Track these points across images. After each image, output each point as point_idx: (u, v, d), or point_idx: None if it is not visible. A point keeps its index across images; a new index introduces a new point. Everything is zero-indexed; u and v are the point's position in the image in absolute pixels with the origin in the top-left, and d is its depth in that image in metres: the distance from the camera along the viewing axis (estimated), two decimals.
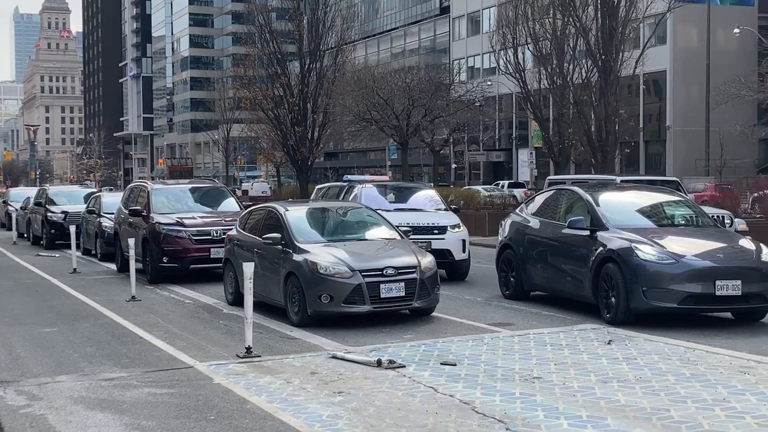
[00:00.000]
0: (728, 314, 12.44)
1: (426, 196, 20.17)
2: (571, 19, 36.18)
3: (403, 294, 12.41)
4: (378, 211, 17.36)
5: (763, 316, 12.25)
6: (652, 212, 13.82)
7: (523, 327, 12.14)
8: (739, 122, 47.68)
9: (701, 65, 53.20)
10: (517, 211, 15.97)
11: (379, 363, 9.47)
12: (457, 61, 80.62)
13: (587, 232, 12.84)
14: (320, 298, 12.21)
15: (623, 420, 7.26)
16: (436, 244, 17.45)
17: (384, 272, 12.35)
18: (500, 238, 15.70)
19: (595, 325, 11.94)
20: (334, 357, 10.07)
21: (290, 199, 33.19)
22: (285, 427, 7.38)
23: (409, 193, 20.67)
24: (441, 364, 9.53)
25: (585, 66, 36.36)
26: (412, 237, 16.44)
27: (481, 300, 15.14)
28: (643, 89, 64.43)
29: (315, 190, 24.38)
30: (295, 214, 14.05)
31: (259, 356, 10.21)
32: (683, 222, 13.63)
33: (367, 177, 28.52)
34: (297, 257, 12.73)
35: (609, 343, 10.57)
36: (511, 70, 40.51)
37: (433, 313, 13.18)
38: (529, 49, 39.94)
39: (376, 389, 8.51)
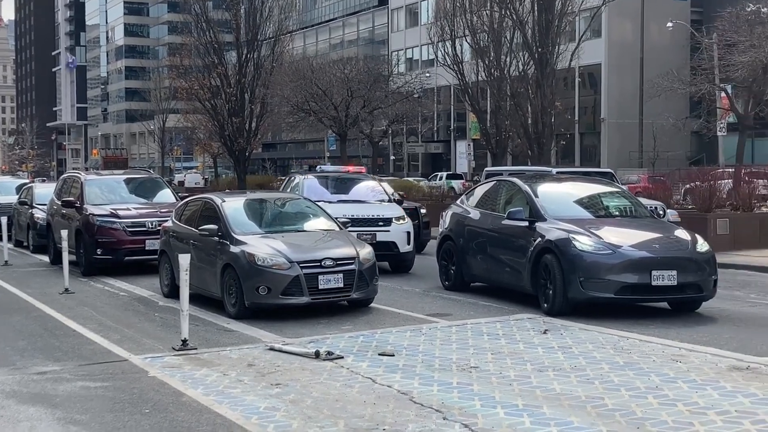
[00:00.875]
0: (665, 304, 12.54)
1: (369, 187, 19.95)
2: (508, 12, 36.38)
3: (341, 285, 12.40)
4: (320, 202, 17.27)
5: (698, 305, 12.40)
6: (590, 203, 13.92)
7: (460, 317, 12.21)
8: (672, 115, 48.45)
9: (635, 58, 53.99)
10: (457, 202, 16.00)
11: (317, 354, 9.45)
12: (396, 53, 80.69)
13: (526, 223, 12.91)
14: (258, 289, 12.13)
15: (559, 408, 7.35)
16: (381, 237, 17.31)
17: (322, 263, 12.32)
18: (441, 230, 15.68)
19: (532, 314, 12.07)
20: (272, 349, 10.02)
21: (227, 190, 32.89)
22: (221, 420, 7.32)
23: (352, 184, 20.33)
24: (379, 354, 9.54)
25: (522, 58, 36.61)
26: (356, 229, 16.38)
27: (420, 291, 15.19)
28: (578, 82, 65.21)
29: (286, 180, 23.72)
30: (232, 205, 13.93)
31: (196, 349, 10.11)
32: (620, 213, 13.75)
33: (341, 168, 26.00)
34: (234, 249, 12.62)
35: (545, 333, 10.69)
36: (449, 62, 40.61)
37: (372, 304, 13.19)
38: (466, 41, 40.07)
39: (313, 380, 8.48)
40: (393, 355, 9.48)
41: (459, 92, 48.16)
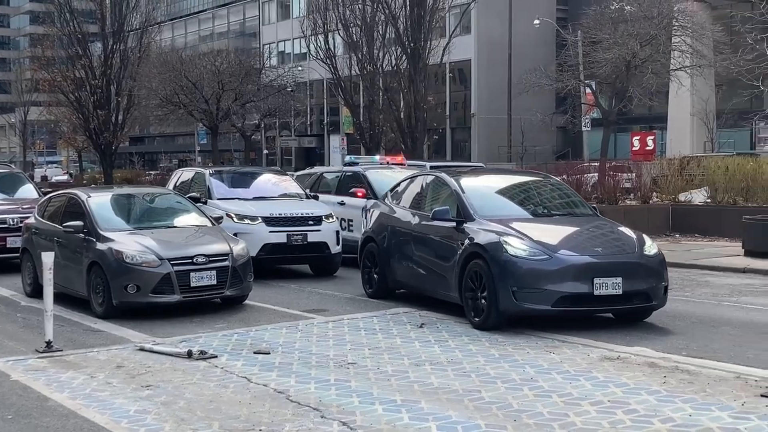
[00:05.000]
0: (609, 315, 11.15)
1: (284, 183, 18.35)
2: (380, 6, 36.53)
3: (214, 282, 12.10)
4: (234, 201, 16.73)
5: (646, 315, 11.02)
6: (525, 200, 12.49)
7: (337, 312, 12.10)
8: (539, 110, 49.64)
9: (504, 55, 55.04)
10: (383, 199, 14.33)
11: (189, 354, 9.17)
12: (268, 46, 79.87)
13: (453, 224, 11.43)
14: (126, 288, 11.73)
15: (437, 402, 7.32)
16: (312, 237, 15.92)
17: (194, 260, 12.00)
18: (363, 229, 14.32)
19: (408, 308, 12.04)
20: (142, 349, 9.68)
21: (93, 186, 31.85)
22: (89, 425, 7.00)
23: (266, 181, 18.55)
24: (254, 353, 9.34)
25: (394, 53, 36.84)
26: (285, 229, 15.74)
27: (296, 287, 15.00)
28: (449, 77, 66.10)
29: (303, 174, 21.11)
30: (98, 201, 13.42)
31: (61, 350, 9.68)
32: (558, 210, 12.24)
33: (376, 158, 21.57)
34: (101, 246, 12.17)
35: (421, 327, 10.68)
36: (321, 56, 40.51)
37: (246, 301, 12.93)
38: (339, 35, 40.05)
39: (186, 381, 8.22)
40: (269, 353, 9.29)
41: (332, 86, 48.14)
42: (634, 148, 52.05)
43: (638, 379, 7.94)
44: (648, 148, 51.70)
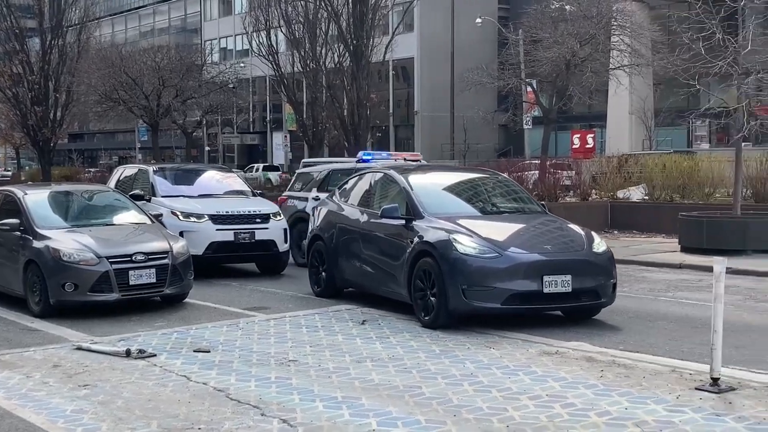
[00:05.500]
0: (558, 312, 11.20)
1: (229, 180, 18.17)
2: (322, 3, 36.47)
3: (154, 280, 11.99)
4: (179, 198, 16.45)
5: (595, 313, 11.10)
6: (474, 198, 12.44)
7: (278, 310, 12.07)
8: (481, 108, 49.96)
9: (447, 53, 55.34)
10: (330, 196, 14.09)
11: (128, 353, 9.07)
12: (209, 42, 79.28)
13: (402, 222, 11.31)
14: (64, 286, 11.56)
15: (377, 399, 7.34)
16: (260, 235, 15.78)
17: (133, 258, 11.88)
18: (311, 227, 14.06)
19: (350, 306, 12.05)
20: (79, 348, 9.55)
21: (30, 183, 31.32)
22: (25, 425, 6.88)
23: (211, 178, 18.28)
24: (194, 351, 9.27)
25: (337, 50, 36.81)
26: (233, 227, 15.53)
27: (239, 286, 14.91)
28: (392, 75, 66.23)
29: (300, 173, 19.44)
30: (35, 198, 13.21)
31: None
32: (508, 208, 12.21)
33: (384, 154, 19.77)
34: (37, 244, 11.98)
35: (363, 324, 10.70)
36: (264, 53, 40.31)
37: (187, 300, 12.83)
38: (282, 31, 39.90)
39: (124, 380, 8.13)
40: (209, 351, 9.23)
41: (275, 83, 47.89)
42: (574, 146, 52.67)
43: (576, 374, 8.04)
44: (588, 146, 52.36)
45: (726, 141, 42.96)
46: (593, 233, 11.35)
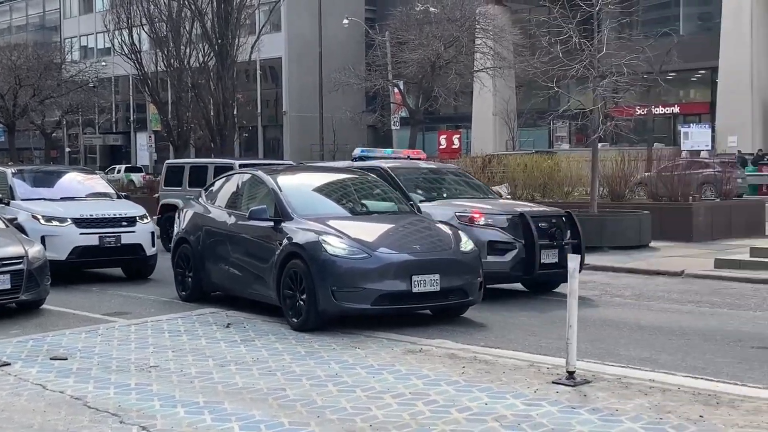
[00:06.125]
0: (428, 311, 11.36)
1: (92, 182, 17.54)
2: (186, 2, 35.91)
3: (8, 287, 11.54)
4: (39, 201, 15.77)
5: (463, 311, 11.34)
6: (343, 198, 12.48)
7: (140, 315, 11.79)
8: (350, 109, 50.20)
9: (315, 53, 55.30)
10: (197, 198, 13.79)
11: None
12: (69, 40, 76.90)
13: (271, 224, 11.23)
14: None
15: (241, 403, 7.26)
16: (126, 239, 15.36)
17: None
18: (176, 230, 13.70)
19: (214, 309, 11.89)
20: None
21: None
22: None
23: (73, 180, 17.57)
24: (51, 359, 8.95)
25: (202, 50, 36.32)
26: (97, 231, 14.89)
27: (100, 291, 14.51)
28: (260, 75, 65.77)
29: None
30: None
31: None
32: (378, 209, 12.26)
33: (390, 152, 18.20)
34: None
35: (228, 327, 10.56)
36: (126, 52, 39.40)
37: (44, 306, 12.40)
38: (144, 30, 39.08)
39: None
40: (66, 359, 8.94)
41: (138, 82, 46.86)
42: (441, 147, 53.45)
43: (439, 371, 8.16)
44: (454, 146, 53.23)
45: (584, 141, 44.48)
46: (461, 232, 11.54)
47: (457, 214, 13.05)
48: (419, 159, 16.29)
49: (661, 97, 48.95)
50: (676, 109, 54.59)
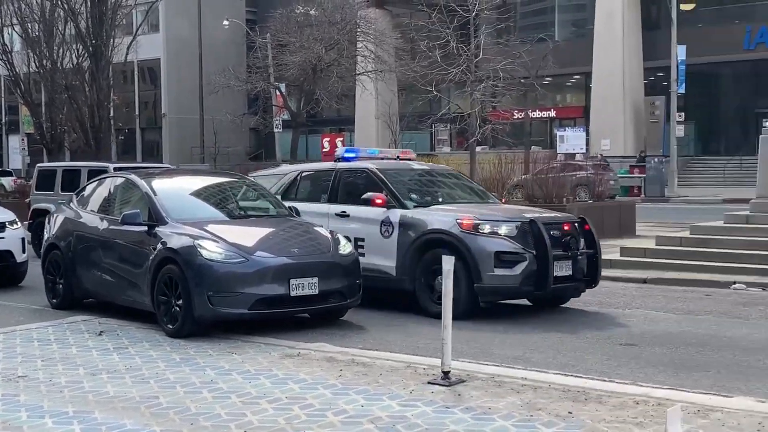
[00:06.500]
0: (307, 315, 11.24)
1: None
2: (59, 2, 34.92)
3: None
4: None
5: (342, 314, 11.29)
6: (221, 202, 12.30)
7: (8, 324, 11.35)
8: (231, 111, 49.63)
9: (194, 55, 54.58)
10: (68, 202, 13.36)
11: None
12: None
13: (145, 228, 10.99)
14: None
15: (112, 412, 7.09)
16: None
17: None
18: (46, 236, 13.23)
19: (87, 316, 11.57)
20: None
21: None
22: None
23: None
24: None
25: (76, 50, 35.38)
26: None
27: (38, 308, 13.93)
28: (138, 76, 64.44)
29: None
30: None
31: None
32: (255, 212, 12.27)
33: (377, 151, 15.92)
34: None
35: (100, 334, 10.30)
36: None
37: None
38: (15, 30, 37.82)
39: None
40: None
41: (10, 83, 45.26)
42: (324, 150, 53.45)
43: (316, 374, 8.14)
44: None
45: (465, 145, 45.23)
46: (339, 235, 11.56)
47: (458, 221, 11.58)
48: (409, 159, 14.74)
49: (538, 101, 50.19)
50: (553, 113, 56.12)
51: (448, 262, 7.91)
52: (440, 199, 13.27)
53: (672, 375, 8.43)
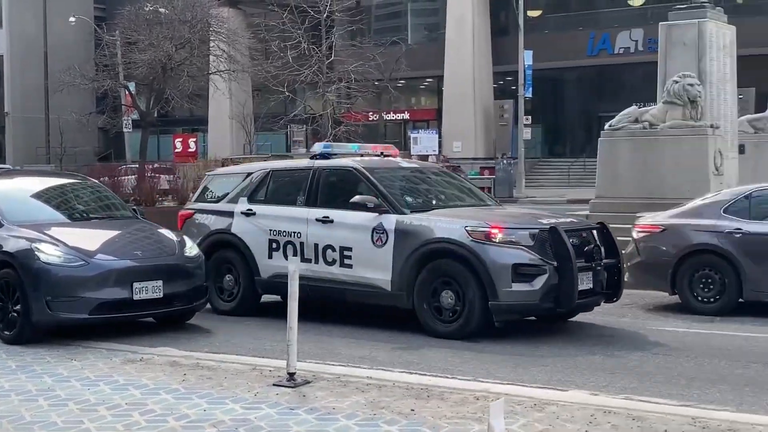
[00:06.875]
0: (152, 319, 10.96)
1: None
2: None
3: None
4: None
5: (189, 317, 11.12)
6: (62, 204, 11.98)
7: None
8: (78, 110, 48.00)
9: (40, 52, 52.63)
10: None
11: None
12: None
13: None
14: None
15: None
16: None
17: None
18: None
19: None
20: None
21: None
22: None
23: None
24: None
25: None
26: None
27: None
28: None
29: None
30: None
31: None
32: (98, 214, 11.89)
33: (356, 147, 13.77)
34: None
35: None
36: None
37: None
38: None
39: None
40: None
41: None
42: (176, 150, 52.47)
43: (159, 379, 8.00)
44: (190, 149, 52.36)
45: None
46: (186, 237, 11.43)
47: (468, 229, 10.05)
48: (392, 155, 12.83)
49: (392, 103, 50.74)
50: (407, 115, 56.81)
51: (293, 263, 7.91)
52: (435, 202, 11.71)
53: (511, 371, 8.69)
